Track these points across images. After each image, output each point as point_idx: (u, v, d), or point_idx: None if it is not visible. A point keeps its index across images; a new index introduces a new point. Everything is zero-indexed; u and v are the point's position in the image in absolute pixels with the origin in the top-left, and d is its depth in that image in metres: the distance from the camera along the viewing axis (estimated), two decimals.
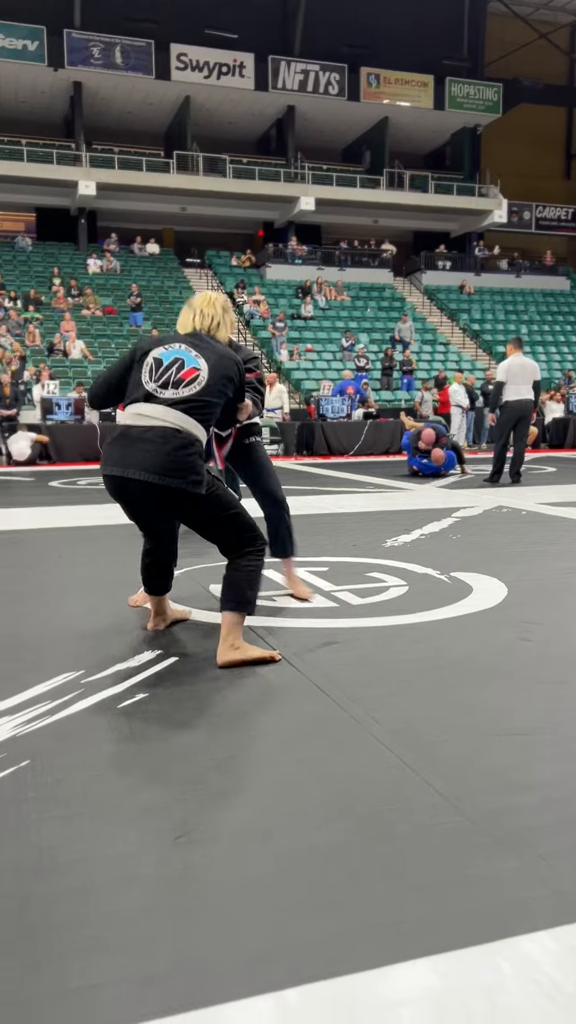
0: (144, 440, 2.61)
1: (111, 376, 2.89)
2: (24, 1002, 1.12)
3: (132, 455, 2.60)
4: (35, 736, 2.05)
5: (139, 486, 2.60)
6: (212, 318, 2.91)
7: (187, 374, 2.69)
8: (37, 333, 19.34)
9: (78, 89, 25.00)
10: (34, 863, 1.46)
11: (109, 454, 2.69)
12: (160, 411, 2.65)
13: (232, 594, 2.68)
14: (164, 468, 2.56)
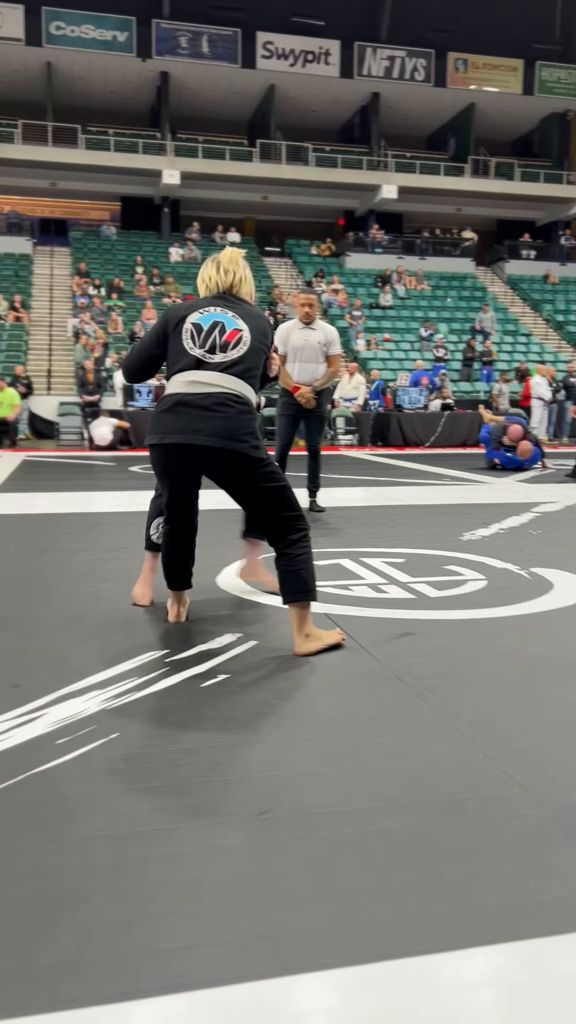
0: (205, 407, 2.61)
1: (144, 349, 2.87)
2: (122, 957, 1.19)
3: (196, 422, 2.59)
4: (123, 710, 2.14)
5: (204, 452, 2.59)
6: (235, 274, 2.88)
7: (230, 336, 2.69)
8: (119, 320, 19.72)
9: (165, 79, 25.31)
10: (125, 830, 1.53)
11: (165, 423, 2.65)
12: (214, 376, 2.65)
13: (293, 587, 2.68)
14: (230, 433, 2.57)
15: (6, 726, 2.03)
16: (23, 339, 19.10)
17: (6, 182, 24.91)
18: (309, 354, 5.84)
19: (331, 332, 5.94)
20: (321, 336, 5.86)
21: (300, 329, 5.88)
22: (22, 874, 1.39)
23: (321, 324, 5.96)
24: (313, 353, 5.84)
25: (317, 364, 5.87)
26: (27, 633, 2.87)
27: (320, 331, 5.88)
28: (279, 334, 6.00)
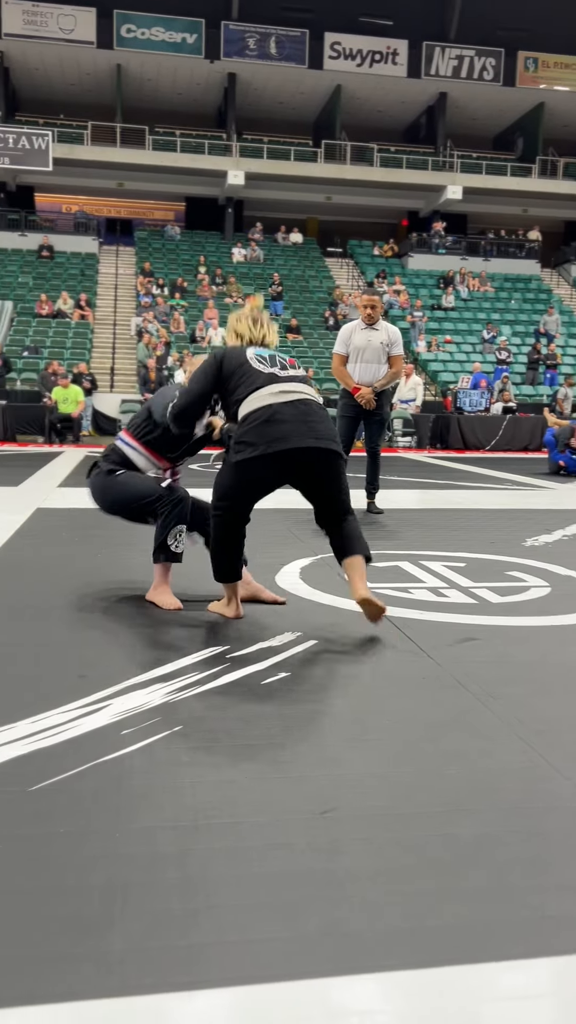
0: (302, 412, 2.81)
1: (202, 386, 2.96)
2: (188, 947, 1.20)
3: (301, 427, 2.77)
4: (186, 704, 2.16)
5: (311, 455, 2.79)
6: (267, 327, 3.16)
7: (291, 362, 2.99)
8: (181, 320, 19.94)
9: (232, 80, 25.49)
10: (190, 822, 1.55)
11: (266, 434, 2.74)
12: (296, 385, 2.88)
13: (360, 544, 2.98)
14: (331, 434, 2.87)
15: (73, 715, 2.07)
16: (88, 337, 19.45)
17: (75, 182, 25.42)
18: (371, 355, 5.82)
19: (394, 332, 5.91)
20: (384, 336, 5.83)
21: (362, 329, 5.86)
22: (92, 860, 1.42)
23: (384, 324, 5.94)
24: (375, 354, 5.82)
25: (379, 365, 5.84)
26: (90, 625, 2.92)
27: (383, 331, 5.86)
28: (342, 334, 5.99)
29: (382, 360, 5.84)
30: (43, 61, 24.94)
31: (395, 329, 6.00)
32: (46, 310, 19.89)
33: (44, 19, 23.90)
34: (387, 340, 5.83)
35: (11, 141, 23.35)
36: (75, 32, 24.03)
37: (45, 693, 2.22)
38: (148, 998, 1.11)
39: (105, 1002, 1.10)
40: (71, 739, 1.93)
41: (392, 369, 5.89)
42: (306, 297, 22.84)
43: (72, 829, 1.52)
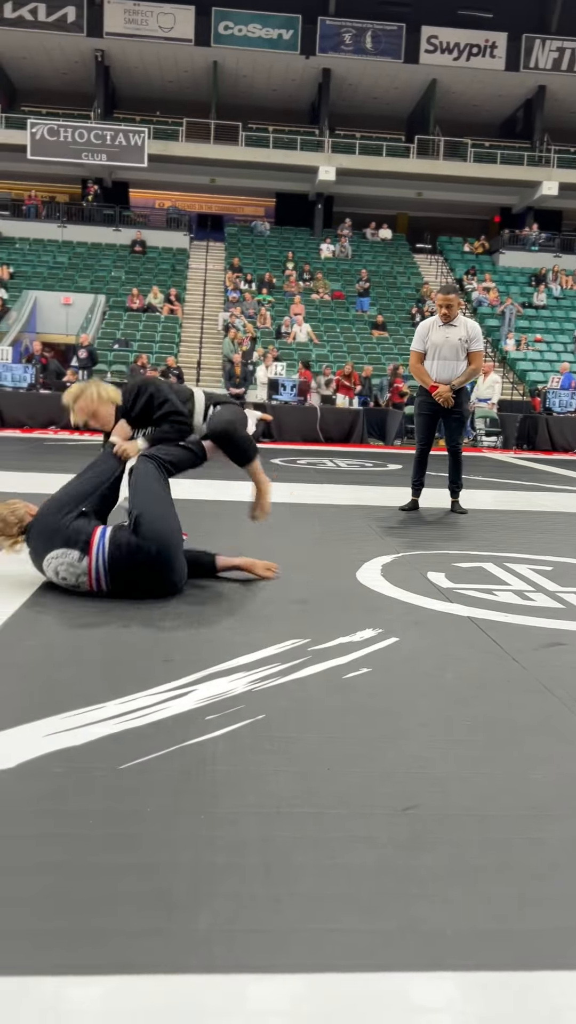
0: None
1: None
2: (271, 931, 1.23)
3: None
4: (269, 694, 2.19)
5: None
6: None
7: None
8: (268, 315, 20.08)
9: (326, 75, 25.49)
10: (273, 810, 1.57)
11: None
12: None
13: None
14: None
15: (160, 698, 2.12)
16: (176, 331, 19.79)
17: (169, 179, 25.87)
18: (448, 351, 5.75)
19: (473, 328, 5.81)
20: (463, 332, 5.75)
21: (440, 326, 5.80)
22: (179, 840, 1.46)
23: (463, 320, 5.85)
24: (453, 350, 5.74)
25: (457, 362, 5.76)
26: (177, 612, 2.98)
27: (462, 327, 5.78)
28: (419, 331, 5.94)
29: (460, 357, 5.76)
30: (142, 59, 25.45)
31: (475, 325, 5.89)
32: (137, 304, 20.32)
33: (144, 18, 24.38)
34: (466, 336, 5.74)
35: (109, 138, 23.93)
36: (174, 30, 24.44)
37: (133, 675, 2.28)
38: (231, 977, 1.13)
39: (190, 977, 1.13)
40: (158, 721, 1.98)
41: (471, 366, 5.79)
42: (393, 294, 22.68)
43: (160, 808, 1.57)
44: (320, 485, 7.43)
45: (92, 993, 1.09)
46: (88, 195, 25.01)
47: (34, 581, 3.29)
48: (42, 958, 1.15)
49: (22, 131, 23.96)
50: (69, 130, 23.91)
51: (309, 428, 13.95)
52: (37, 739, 1.84)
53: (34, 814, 1.53)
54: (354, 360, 17.12)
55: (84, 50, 25.12)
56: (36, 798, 1.59)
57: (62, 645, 2.57)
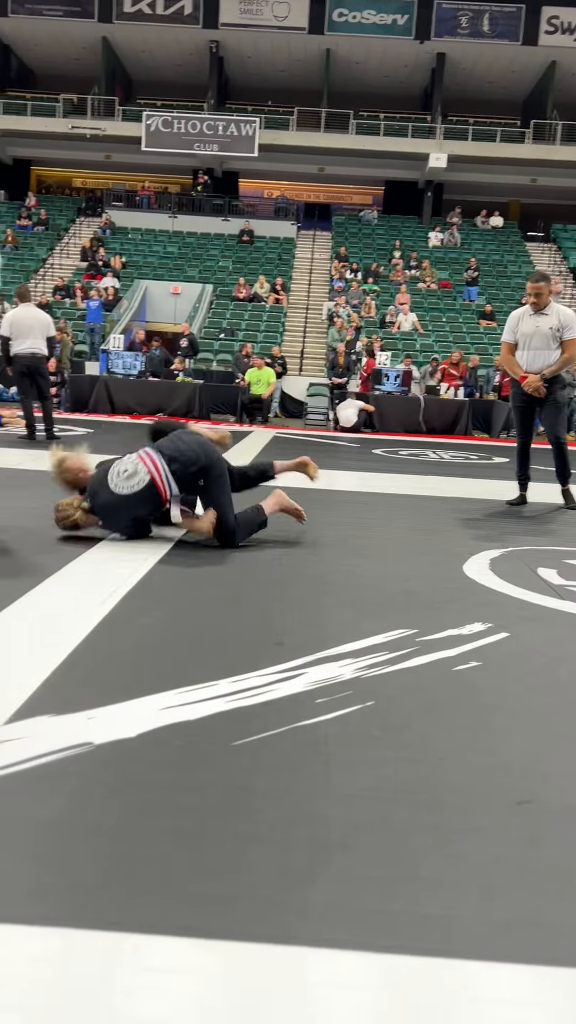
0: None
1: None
2: (387, 912, 1.24)
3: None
4: (378, 681, 2.19)
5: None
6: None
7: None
8: (373, 305, 19.95)
9: (441, 60, 25.04)
10: (389, 795, 1.58)
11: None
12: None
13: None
14: None
15: (271, 679, 2.16)
16: (280, 320, 19.91)
17: (278, 168, 25.99)
18: (539, 341, 5.58)
19: (566, 316, 5.61)
20: (554, 321, 5.56)
21: (531, 316, 5.63)
22: (294, 818, 1.48)
23: (556, 308, 5.65)
24: (543, 340, 5.57)
25: (548, 351, 5.58)
26: (288, 596, 3.02)
27: (553, 316, 5.58)
28: (509, 321, 5.79)
29: (552, 346, 5.57)
30: (256, 49, 25.61)
31: (568, 312, 5.68)
32: (243, 293, 20.54)
33: (259, 7, 24.51)
34: (557, 325, 5.55)
35: (220, 128, 24.23)
36: (288, 19, 24.48)
37: (245, 655, 2.33)
38: (345, 953, 1.15)
39: (303, 949, 1.15)
40: (269, 701, 2.01)
41: (565, 354, 5.59)
42: (503, 283, 22.14)
43: (273, 786, 1.60)
44: (423, 476, 7.35)
45: (213, 957, 1.12)
46: (198, 185, 25.41)
47: (145, 560, 3.40)
48: (160, 919, 1.19)
49: (138, 123, 24.53)
50: (182, 121, 24.34)
51: (411, 419, 13.81)
52: (155, 712, 1.91)
53: (154, 783, 1.59)
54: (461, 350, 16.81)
55: (199, 42, 25.48)
56: (155, 767, 1.65)
57: (176, 624, 2.64)
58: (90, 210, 25.91)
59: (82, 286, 20.27)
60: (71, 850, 1.35)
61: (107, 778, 1.59)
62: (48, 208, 25.41)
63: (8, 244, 22.91)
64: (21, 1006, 1.02)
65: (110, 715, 1.87)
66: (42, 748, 1.68)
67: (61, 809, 1.47)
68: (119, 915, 1.19)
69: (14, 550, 3.52)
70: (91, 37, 25.66)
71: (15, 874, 1.29)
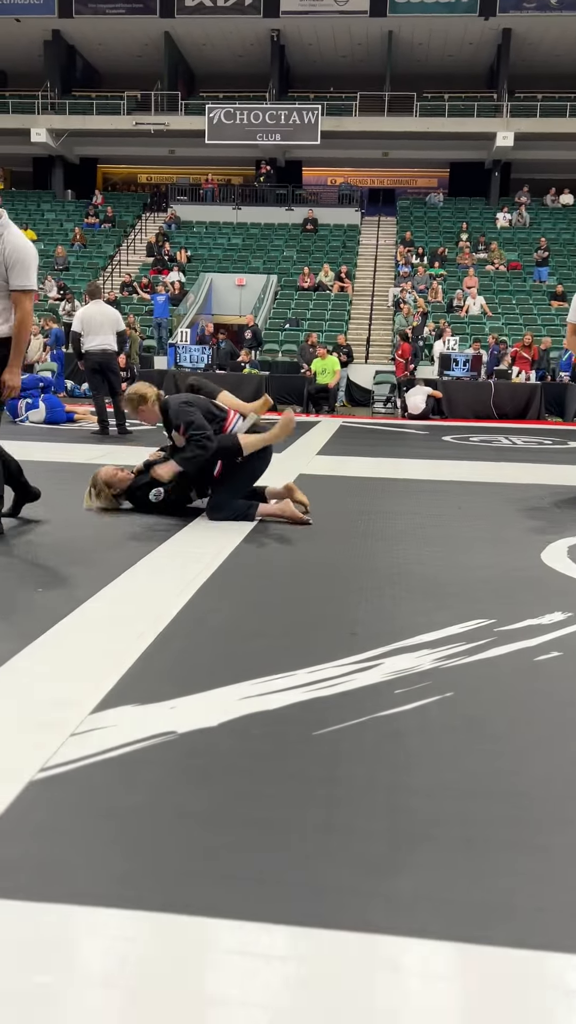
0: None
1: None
2: (474, 903, 1.23)
3: None
4: (456, 672, 2.18)
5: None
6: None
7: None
8: (440, 289, 19.66)
9: (506, 36, 24.42)
10: (470, 787, 1.57)
11: None
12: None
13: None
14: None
15: (347, 669, 2.16)
16: (346, 308, 19.79)
17: (341, 155, 25.77)
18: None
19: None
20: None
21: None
22: (375, 808, 1.49)
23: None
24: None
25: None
26: (360, 587, 3.02)
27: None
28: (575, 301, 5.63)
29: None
30: (317, 35, 25.41)
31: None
32: (308, 283, 20.49)
33: None
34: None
35: (283, 118, 24.16)
36: (349, 3, 24.19)
37: (321, 646, 2.34)
38: (436, 943, 1.15)
39: (396, 939, 1.15)
40: (347, 692, 2.02)
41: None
42: (575, 262, 21.54)
43: (354, 776, 1.60)
44: (496, 463, 7.22)
45: (299, 943, 1.14)
46: (261, 176, 25.41)
47: (217, 553, 3.44)
48: (253, 905, 1.21)
49: (200, 117, 24.65)
50: (244, 112, 24.35)
51: (482, 404, 13.58)
52: (234, 701, 1.93)
53: (237, 771, 1.61)
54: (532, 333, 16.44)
55: (260, 31, 25.41)
56: (238, 756, 1.67)
57: (250, 616, 2.67)
58: (155, 205, 26.19)
59: (148, 281, 20.53)
60: (158, 837, 1.39)
61: (191, 766, 1.62)
62: (114, 205, 25.78)
63: (77, 243, 23.35)
64: (115, 986, 1.05)
65: (191, 705, 1.90)
66: (127, 737, 1.72)
67: (147, 796, 1.51)
68: (206, 900, 1.22)
69: (90, 545, 3.61)
70: (153, 33, 25.85)
71: (105, 859, 1.33)
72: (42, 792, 1.50)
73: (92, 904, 1.20)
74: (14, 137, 25.75)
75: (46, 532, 3.85)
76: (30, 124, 25.47)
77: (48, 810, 1.45)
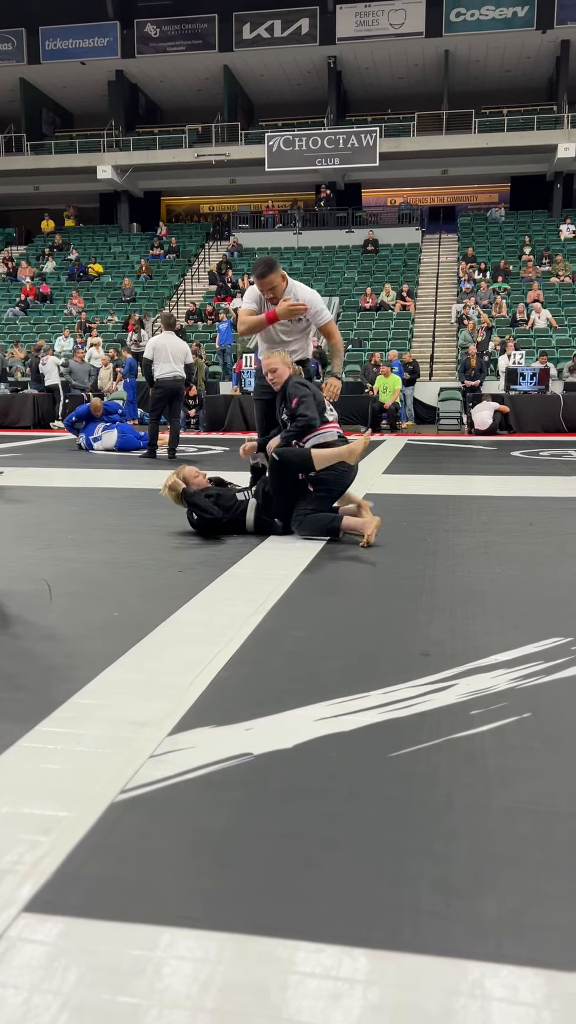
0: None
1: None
2: (560, 928, 1.20)
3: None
4: (533, 692, 2.14)
5: None
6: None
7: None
8: (503, 304, 19.46)
9: (565, 48, 24.23)
10: (550, 808, 1.54)
11: None
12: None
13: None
14: None
15: (422, 690, 2.15)
16: (408, 327, 19.75)
17: (400, 175, 25.87)
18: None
19: None
20: None
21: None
22: (456, 830, 1.47)
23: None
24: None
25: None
26: (431, 606, 2.99)
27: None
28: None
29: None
30: (373, 59, 25.65)
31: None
32: (370, 303, 20.53)
33: (375, 18, 24.55)
34: None
35: (341, 142, 24.38)
36: (404, 25, 24.38)
37: (393, 667, 2.33)
38: (525, 970, 1.12)
39: (480, 964, 1.14)
40: (422, 713, 2.00)
41: None
42: None
43: (432, 798, 1.59)
44: (567, 478, 7.09)
45: (381, 967, 1.13)
46: (321, 200, 25.65)
47: (287, 575, 3.46)
48: (332, 928, 1.21)
49: (260, 145, 25.07)
50: (303, 138, 24.67)
51: (551, 418, 13.35)
52: (309, 723, 1.94)
53: (314, 792, 1.61)
54: None
55: (317, 59, 25.78)
56: (314, 777, 1.68)
57: (322, 636, 2.68)
58: (218, 234, 26.68)
59: (213, 308, 20.87)
60: (239, 858, 1.40)
61: (268, 787, 1.63)
62: (178, 236, 26.36)
63: (143, 274, 23.93)
64: (199, 1008, 1.06)
65: (267, 726, 1.92)
66: (206, 758, 1.75)
67: (227, 817, 1.52)
68: (288, 922, 1.22)
69: (159, 569, 3.67)
70: (213, 67, 26.49)
71: (187, 880, 1.34)
72: (124, 813, 1.53)
73: (176, 925, 1.22)
74: (81, 175, 26.64)
75: (112, 555, 3.92)
76: (96, 162, 26.32)
77: (130, 831, 1.47)
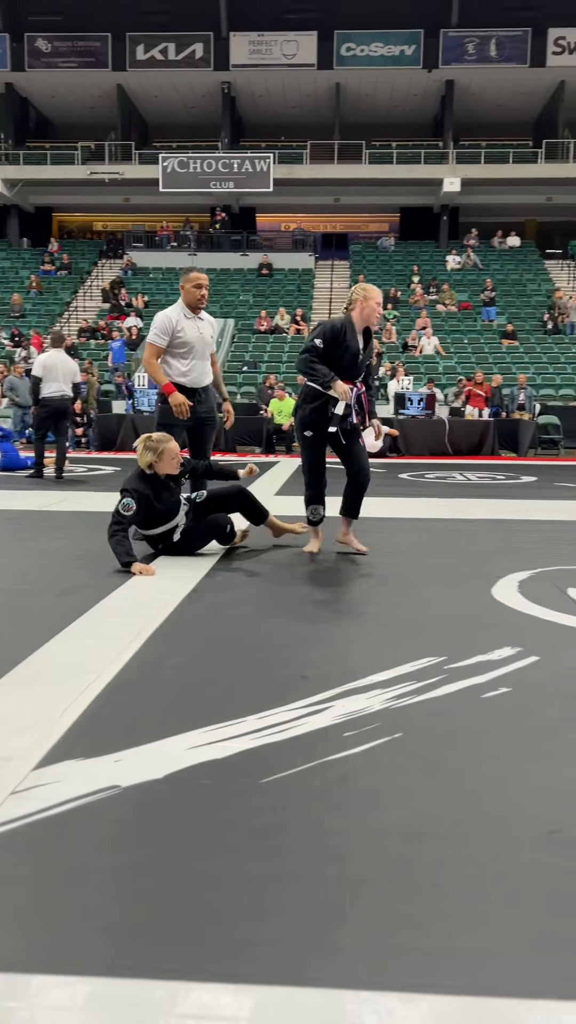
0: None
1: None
2: (420, 950, 1.22)
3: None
4: (406, 712, 2.18)
5: None
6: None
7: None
8: (393, 331, 20.02)
9: (450, 87, 25.31)
10: (416, 828, 1.57)
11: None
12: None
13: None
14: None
15: (297, 714, 2.15)
16: None
17: (293, 201, 26.30)
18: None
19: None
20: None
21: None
22: (323, 855, 1.47)
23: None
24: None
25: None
26: (310, 629, 3.01)
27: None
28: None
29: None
30: (267, 87, 26.09)
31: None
32: (264, 326, 20.74)
33: (268, 47, 25.01)
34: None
35: (235, 166, 24.63)
36: (297, 56, 24.93)
37: (271, 691, 2.33)
38: (375, 994, 1.13)
39: (333, 992, 1.13)
40: (296, 736, 2.01)
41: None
42: (523, 301, 22.13)
43: (302, 822, 1.59)
44: (449, 499, 7.32)
45: (243, 1002, 1.12)
46: (216, 223, 25.80)
47: (168, 601, 3.42)
48: (191, 964, 1.19)
49: (154, 166, 25.02)
50: (197, 161, 24.79)
51: (437, 442, 13.78)
52: (182, 751, 1.91)
53: (182, 824, 1.59)
54: (483, 370, 16.78)
55: (211, 84, 26.02)
56: (184, 808, 1.65)
57: (201, 662, 2.65)
58: (111, 252, 26.40)
59: (106, 325, 20.60)
60: (102, 895, 1.35)
61: (135, 820, 1.59)
62: (70, 252, 25.93)
63: (32, 289, 23.39)
64: None
65: (138, 757, 1.87)
66: (71, 792, 1.69)
67: (88, 854, 1.47)
68: (150, 961, 1.19)
69: (35, 595, 3.57)
70: (106, 86, 26.32)
71: (42, 922, 1.29)
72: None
73: (25, 971, 1.17)
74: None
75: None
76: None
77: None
